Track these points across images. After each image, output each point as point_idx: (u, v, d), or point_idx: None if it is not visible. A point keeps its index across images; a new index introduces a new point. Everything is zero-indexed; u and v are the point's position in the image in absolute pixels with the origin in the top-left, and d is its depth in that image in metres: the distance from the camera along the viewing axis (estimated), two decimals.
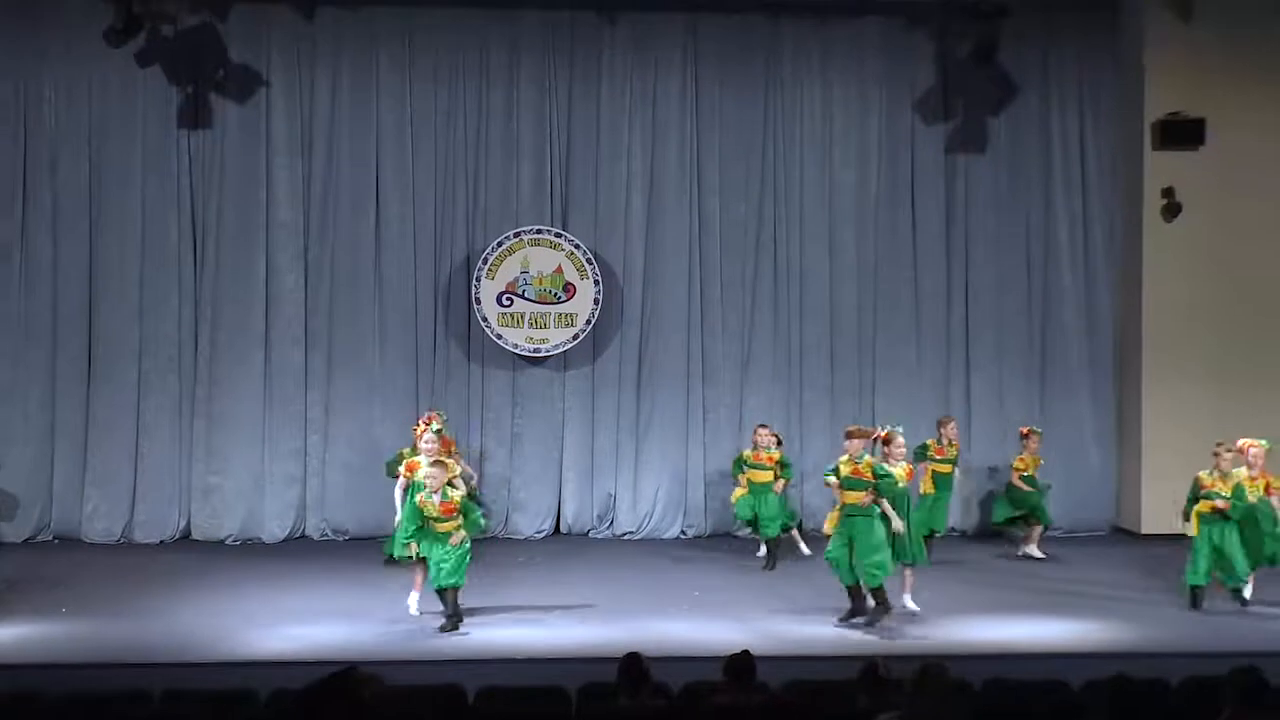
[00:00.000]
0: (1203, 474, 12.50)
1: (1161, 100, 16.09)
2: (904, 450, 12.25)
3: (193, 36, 16.11)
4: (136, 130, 16.20)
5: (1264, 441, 12.59)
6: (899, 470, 12.05)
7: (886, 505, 11.74)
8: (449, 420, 14.71)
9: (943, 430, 15.00)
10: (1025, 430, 15.25)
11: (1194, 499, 12.49)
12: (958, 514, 16.16)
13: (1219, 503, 12.26)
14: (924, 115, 16.84)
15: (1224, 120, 15.97)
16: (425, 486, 11.70)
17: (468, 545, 11.60)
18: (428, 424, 13.74)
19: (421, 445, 12.66)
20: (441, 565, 11.44)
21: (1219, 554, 12.32)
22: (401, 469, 12.86)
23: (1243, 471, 12.45)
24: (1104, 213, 16.95)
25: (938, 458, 14.80)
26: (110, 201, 16.18)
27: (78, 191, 16.14)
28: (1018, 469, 15.06)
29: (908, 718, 6.23)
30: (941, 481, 14.82)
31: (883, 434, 12.33)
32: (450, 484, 11.93)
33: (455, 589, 11.52)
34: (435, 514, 11.48)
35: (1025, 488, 15.03)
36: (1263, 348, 16.18)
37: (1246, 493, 12.33)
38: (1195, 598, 12.38)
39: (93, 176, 16.18)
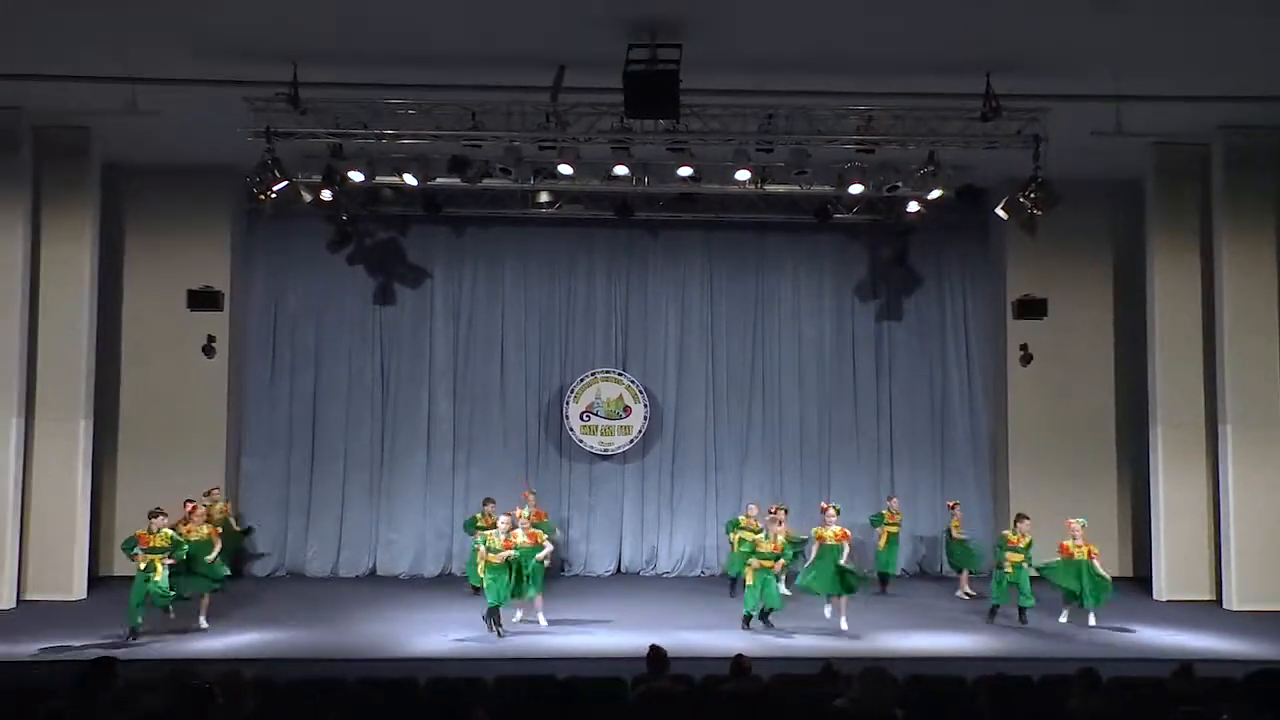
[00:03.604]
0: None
1: (1017, 286, 16.09)
2: (835, 518, 12.24)
3: (384, 245, 16.47)
4: (345, 306, 16.41)
5: (1082, 519, 12.48)
6: (832, 532, 12.03)
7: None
8: (541, 494, 14.99)
9: (890, 503, 14.88)
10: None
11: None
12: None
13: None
14: (861, 296, 16.94)
15: (1060, 300, 15.98)
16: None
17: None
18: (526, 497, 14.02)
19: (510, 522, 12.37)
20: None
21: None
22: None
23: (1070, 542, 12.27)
24: (981, 361, 16.90)
25: (888, 523, 14.60)
26: (327, 353, 16.36)
27: (307, 346, 16.36)
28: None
29: (855, 702, 6.20)
30: (891, 536, 14.61)
31: (822, 505, 12.48)
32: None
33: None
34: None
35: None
36: (1088, 452, 15.98)
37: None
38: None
39: (317, 336, 16.37)
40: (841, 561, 11.92)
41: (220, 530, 12.94)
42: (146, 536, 11.30)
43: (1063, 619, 12.34)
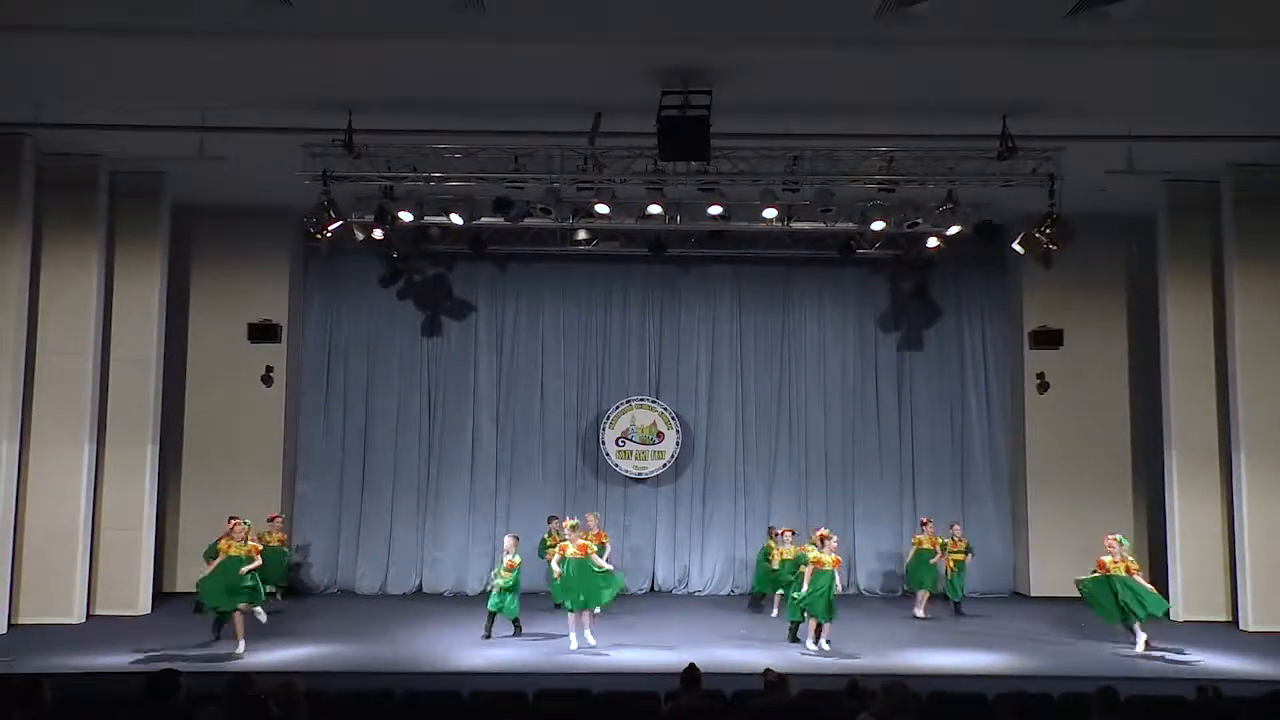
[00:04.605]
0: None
1: (1034, 317, 16.00)
2: (835, 545, 11.84)
3: (432, 281, 16.58)
4: (395, 338, 16.51)
5: (1120, 536, 12.03)
6: (830, 558, 11.62)
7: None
8: (578, 516, 14.61)
9: (953, 530, 14.42)
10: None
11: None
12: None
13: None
14: (883, 326, 16.85)
15: (1074, 330, 15.88)
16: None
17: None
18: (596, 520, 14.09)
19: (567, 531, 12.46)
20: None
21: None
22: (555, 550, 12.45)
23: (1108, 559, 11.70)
24: (999, 388, 16.73)
25: (953, 550, 14.20)
26: (378, 381, 16.45)
27: (359, 376, 16.46)
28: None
29: (879, 715, 6.09)
30: (958, 563, 14.18)
31: (821, 533, 12.11)
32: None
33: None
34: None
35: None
36: (1104, 476, 15.74)
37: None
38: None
39: (369, 365, 16.46)
40: (835, 588, 11.61)
41: (260, 549, 12.16)
42: (228, 543, 11.51)
43: (1139, 646, 11.62)
